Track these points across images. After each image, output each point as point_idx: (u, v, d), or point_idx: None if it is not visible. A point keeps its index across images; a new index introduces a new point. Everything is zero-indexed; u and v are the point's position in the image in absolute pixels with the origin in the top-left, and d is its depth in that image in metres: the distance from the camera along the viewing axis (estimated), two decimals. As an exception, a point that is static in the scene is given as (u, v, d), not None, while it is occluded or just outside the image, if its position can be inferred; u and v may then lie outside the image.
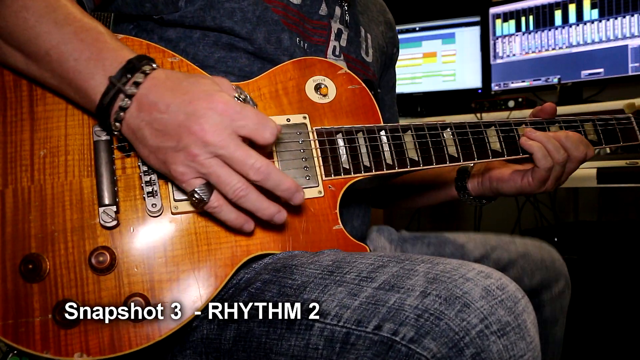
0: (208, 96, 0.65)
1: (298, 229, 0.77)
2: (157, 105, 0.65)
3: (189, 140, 0.63)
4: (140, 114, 0.65)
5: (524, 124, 0.94)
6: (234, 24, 0.85)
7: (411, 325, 0.59)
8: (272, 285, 0.72)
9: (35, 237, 0.67)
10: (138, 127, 0.65)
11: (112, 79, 0.65)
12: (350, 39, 1.00)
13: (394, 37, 1.19)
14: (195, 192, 0.65)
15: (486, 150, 0.89)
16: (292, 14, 0.91)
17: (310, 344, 0.65)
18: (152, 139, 0.65)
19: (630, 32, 2.11)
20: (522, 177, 0.95)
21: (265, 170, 0.65)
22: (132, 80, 0.65)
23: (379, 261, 0.68)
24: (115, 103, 0.65)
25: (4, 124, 0.70)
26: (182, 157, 0.64)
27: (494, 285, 0.61)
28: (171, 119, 0.64)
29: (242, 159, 0.64)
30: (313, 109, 0.83)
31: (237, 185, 0.65)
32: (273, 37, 0.88)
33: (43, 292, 0.65)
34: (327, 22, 0.96)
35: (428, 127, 0.86)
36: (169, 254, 0.70)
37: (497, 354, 0.57)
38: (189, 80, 0.67)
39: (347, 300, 0.65)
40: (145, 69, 0.66)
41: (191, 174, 0.65)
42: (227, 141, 0.64)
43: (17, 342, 0.63)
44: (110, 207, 0.69)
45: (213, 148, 0.64)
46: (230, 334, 0.72)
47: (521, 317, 0.60)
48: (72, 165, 0.71)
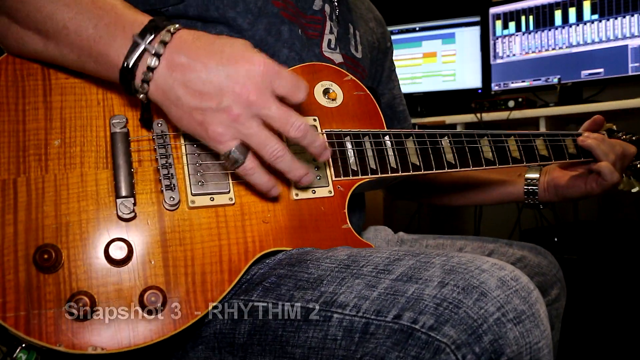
0: (247, 56, 0.65)
1: (309, 227, 0.78)
2: (191, 65, 0.64)
3: (231, 100, 0.63)
4: (173, 73, 0.64)
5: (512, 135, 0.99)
6: (236, 14, 0.86)
7: (430, 313, 0.60)
8: (287, 280, 0.72)
9: (49, 227, 0.65)
10: (171, 87, 0.64)
11: (135, 38, 0.64)
12: (340, 36, 1.01)
13: (384, 33, 1.21)
14: (231, 152, 0.66)
15: (480, 159, 0.94)
16: (290, 6, 0.92)
17: (328, 335, 0.66)
18: (189, 99, 0.64)
19: (630, 32, 2.12)
20: (585, 183, 1.06)
21: (305, 127, 0.67)
22: (159, 39, 0.64)
23: (395, 255, 0.69)
24: (141, 63, 0.64)
25: (16, 112, 0.69)
26: (223, 117, 0.64)
27: (508, 276, 0.63)
28: (210, 78, 0.64)
29: (284, 118, 0.66)
30: (322, 113, 0.85)
31: (276, 146, 0.67)
32: (274, 29, 0.89)
33: (57, 284, 0.63)
34: (322, 17, 0.98)
35: (428, 135, 0.90)
36: (185, 247, 0.70)
37: (514, 340, 0.59)
38: (221, 40, 0.66)
39: (365, 291, 0.65)
40: (169, 28, 0.65)
41: (230, 134, 0.65)
42: (270, 101, 0.65)
43: (29, 334, 0.61)
44: (128, 199, 0.68)
45: (256, 108, 0.64)
46: (245, 328, 0.72)
47: (535, 307, 0.62)
48: (87, 156, 0.70)
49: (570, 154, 1.05)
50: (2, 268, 0.62)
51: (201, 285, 0.69)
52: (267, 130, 0.66)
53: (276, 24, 0.89)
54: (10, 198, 0.65)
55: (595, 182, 1.05)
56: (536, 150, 1.00)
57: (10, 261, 0.63)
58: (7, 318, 0.61)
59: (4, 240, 0.63)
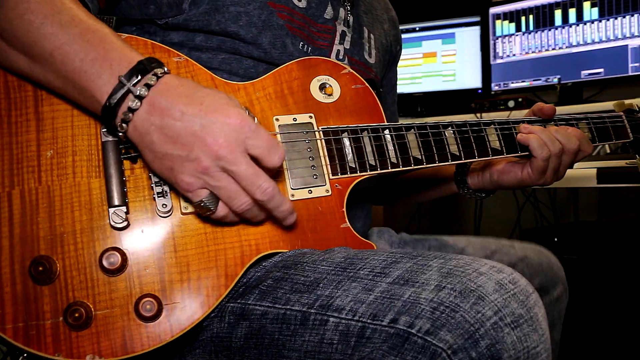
0: (225, 109, 0.65)
1: (306, 228, 0.78)
2: (170, 111, 0.64)
3: (201, 152, 0.64)
4: (150, 117, 0.65)
5: (521, 122, 0.97)
6: (239, 28, 0.85)
7: (427, 317, 0.60)
8: (284, 283, 0.72)
9: (44, 238, 0.66)
10: (147, 130, 0.65)
11: (121, 79, 0.65)
12: (354, 41, 1.00)
13: (397, 35, 1.20)
14: (202, 202, 0.67)
15: (486, 149, 0.91)
16: (298, 17, 0.91)
17: (324, 339, 0.66)
18: (161, 144, 0.65)
19: (630, 32, 2.11)
20: (522, 169, 0.98)
21: (272, 192, 0.67)
22: (144, 82, 0.65)
23: (392, 257, 0.69)
24: (124, 104, 0.65)
25: (9, 124, 0.69)
26: (191, 167, 0.64)
27: (506, 279, 0.63)
28: (185, 127, 0.64)
29: (251, 179, 0.66)
30: (318, 109, 0.84)
31: (243, 201, 0.67)
32: (279, 42, 0.88)
33: (53, 295, 0.64)
34: (333, 26, 0.96)
35: (430, 126, 0.88)
36: (180, 254, 0.70)
37: (511, 344, 0.58)
38: (204, 91, 0.67)
39: (361, 295, 0.65)
40: (157, 72, 0.66)
41: (198, 184, 0.66)
42: (240, 158, 0.65)
43: (28, 345, 0.62)
44: (121, 208, 0.68)
45: (225, 163, 0.64)
46: (242, 332, 0.72)
47: (533, 310, 0.61)
48: (80, 166, 0.70)
49: None
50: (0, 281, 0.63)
51: (197, 291, 0.69)
52: (237, 185, 0.66)
53: (281, 36, 0.88)
54: (5, 211, 0.66)
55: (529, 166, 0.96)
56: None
57: (7, 274, 0.64)
58: (6, 330, 0.62)
59: (1, 253, 0.64)
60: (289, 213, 0.71)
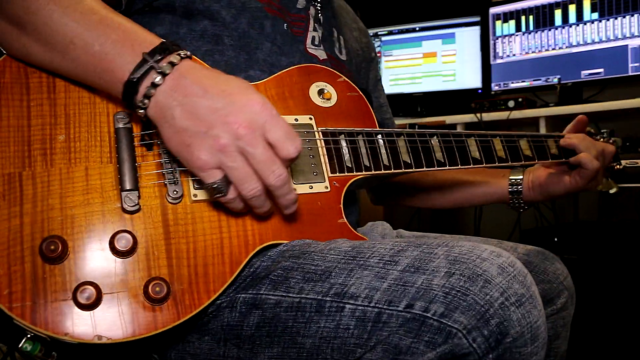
0: (247, 93, 0.67)
1: (306, 221, 0.81)
2: (193, 88, 0.66)
3: (221, 129, 0.65)
4: (174, 93, 0.66)
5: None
6: (220, 7, 0.88)
7: (440, 302, 0.64)
8: (294, 272, 0.73)
9: (55, 219, 0.66)
10: (169, 105, 0.66)
11: (145, 55, 0.66)
12: (324, 37, 1.03)
13: (369, 43, 1.23)
14: (215, 183, 0.67)
15: (468, 157, 0.97)
16: (275, 2, 0.95)
17: (341, 325, 0.68)
18: (182, 119, 0.65)
19: (630, 32, 2.12)
20: (569, 178, 1.09)
21: (285, 179, 0.69)
22: (168, 60, 0.66)
23: (398, 246, 0.71)
24: (147, 78, 0.66)
25: (21, 108, 0.70)
26: (209, 143, 0.65)
27: (506, 262, 0.67)
28: (207, 104, 0.65)
29: (267, 162, 0.67)
30: (317, 112, 0.89)
31: (254, 186, 0.68)
32: (256, 23, 0.91)
33: (62, 274, 0.64)
34: (306, 15, 0.99)
35: (418, 134, 0.94)
36: (188, 240, 0.71)
37: (517, 321, 0.64)
38: (226, 75, 0.69)
39: (375, 282, 0.68)
40: (180, 53, 0.68)
41: (213, 162, 0.66)
42: (258, 141, 0.66)
43: (35, 324, 0.62)
44: (133, 192, 0.69)
45: (243, 143, 0.65)
46: (254, 321, 0.73)
47: (531, 289, 0.67)
48: (92, 151, 0.71)
49: (553, 154, 1.08)
50: (8, 259, 0.63)
51: (204, 277, 0.70)
52: (250, 168, 0.67)
53: (259, 17, 0.92)
54: (16, 191, 0.66)
55: (578, 175, 1.08)
56: (520, 151, 1.03)
57: (17, 252, 0.64)
58: (13, 308, 0.62)
59: (10, 232, 0.64)
60: (293, 202, 0.73)
